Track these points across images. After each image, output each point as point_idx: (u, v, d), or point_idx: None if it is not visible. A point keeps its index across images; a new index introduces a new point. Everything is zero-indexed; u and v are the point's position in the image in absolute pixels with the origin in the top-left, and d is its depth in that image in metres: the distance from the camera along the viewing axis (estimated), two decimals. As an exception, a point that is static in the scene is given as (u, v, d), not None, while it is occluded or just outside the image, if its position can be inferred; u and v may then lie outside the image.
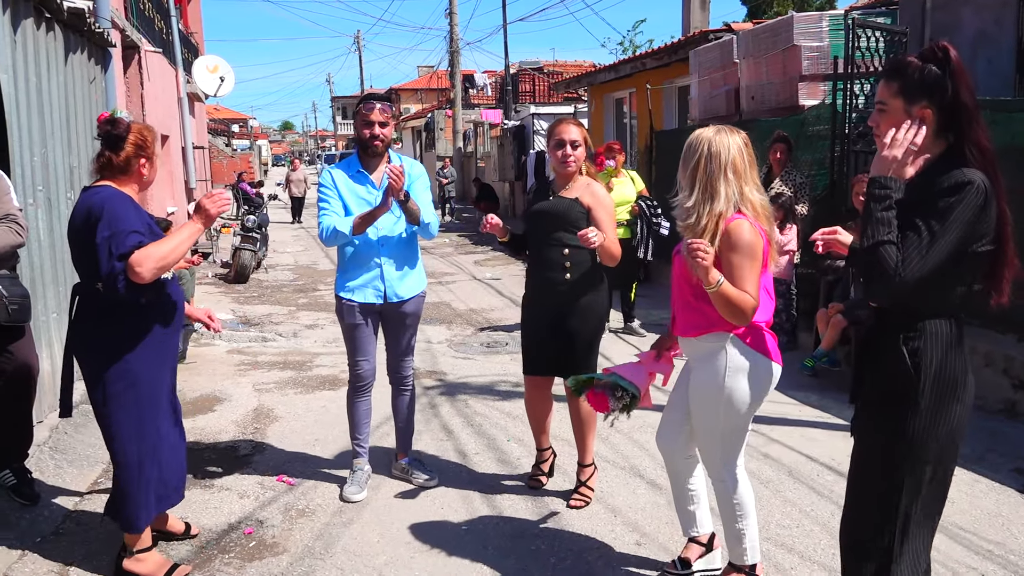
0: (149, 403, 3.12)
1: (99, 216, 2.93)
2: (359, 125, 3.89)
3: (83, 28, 5.71)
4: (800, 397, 5.55)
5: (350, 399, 4.12)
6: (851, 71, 6.65)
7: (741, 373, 2.81)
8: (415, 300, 4.02)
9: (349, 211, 3.85)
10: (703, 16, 13.86)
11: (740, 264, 2.72)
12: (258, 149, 46.21)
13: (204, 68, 14.55)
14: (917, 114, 2.12)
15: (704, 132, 2.85)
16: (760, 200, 2.83)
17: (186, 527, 3.59)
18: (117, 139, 3.10)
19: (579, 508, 3.86)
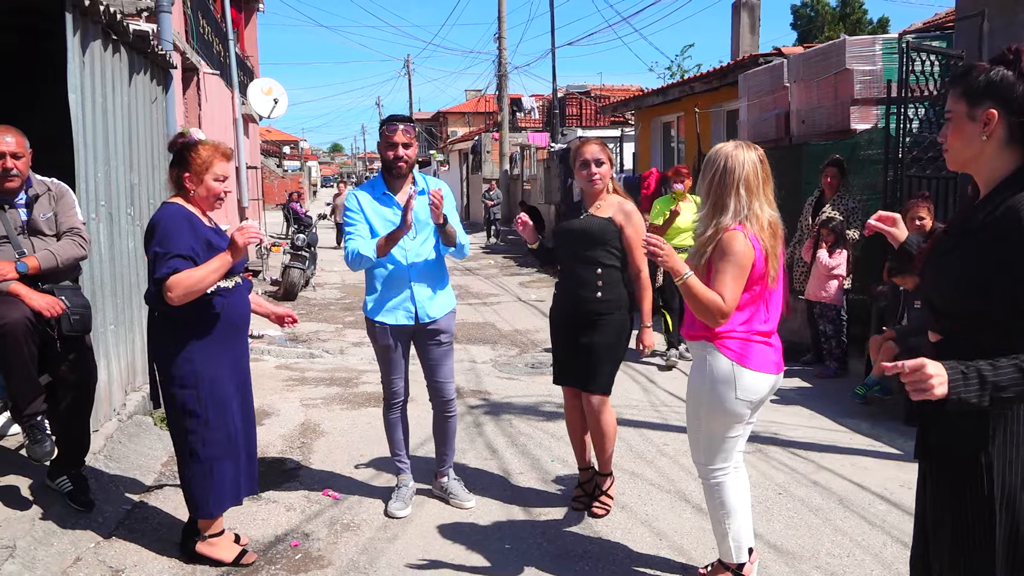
0: (213, 402, 3.30)
1: (152, 232, 3.19)
2: (382, 147, 3.91)
3: (147, 50, 5.90)
4: (851, 424, 5.43)
5: (387, 416, 4.16)
6: (905, 95, 6.56)
7: (721, 382, 2.91)
8: (446, 318, 4.04)
9: (376, 233, 3.86)
10: (752, 40, 13.82)
11: (723, 269, 2.83)
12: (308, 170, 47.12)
13: (259, 90, 14.90)
14: (981, 117, 1.95)
15: (723, 147, 2.95)
16: (769, 216, 2.92)
17: (235, 538, 3.64)
18: (173, 153, 3.32)
19: (601, 516, 3.95)
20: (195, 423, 3.29)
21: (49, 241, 3.73)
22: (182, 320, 3.23)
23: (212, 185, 3.30)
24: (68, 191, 3.90)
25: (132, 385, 5.45)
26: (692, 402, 3.09)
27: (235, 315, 3.39)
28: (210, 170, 3.28)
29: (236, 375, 3.44)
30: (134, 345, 5.51)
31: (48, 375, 3.73)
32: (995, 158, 1.98)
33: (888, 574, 3.38)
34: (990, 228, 1.91)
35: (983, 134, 1.96)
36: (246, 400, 3.52)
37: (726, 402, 2.92)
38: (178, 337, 3.25)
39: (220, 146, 3.37)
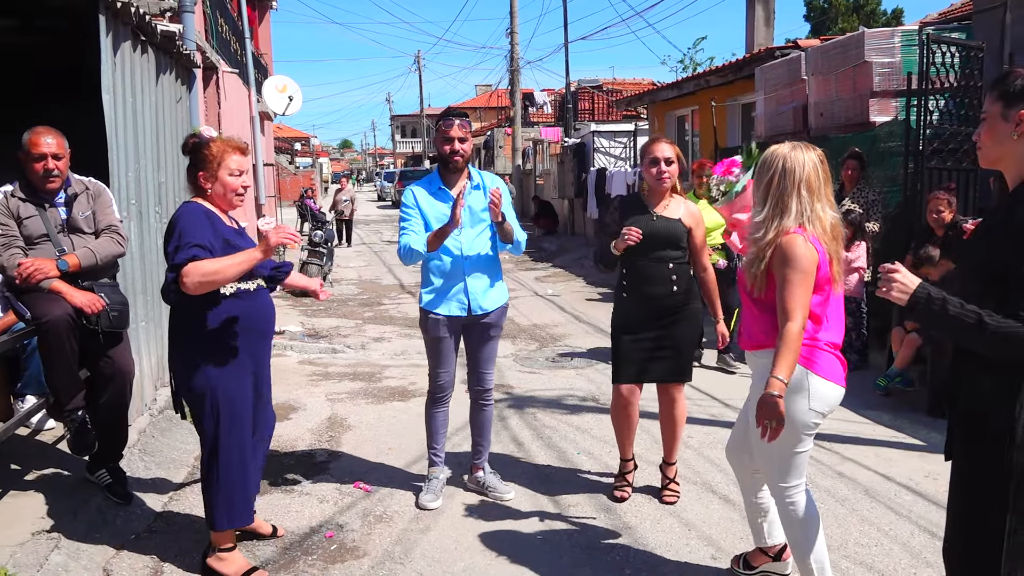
0: (227, 412, 3.18)
1: (172, 229, 3.12)
2: (439, 141, 3.97)
3: (172, 50, 5.98)
4: (873, 416, 5.46)
5: (429, 409, 4.20)
6: (925, 87, 6.57)
7: (793, 392, 2.73)
8: (497, 312, 4.10)
9: (430, 227, 3.93)
10: (767, 33, 13.78)
11: (790, 279, 2.70)
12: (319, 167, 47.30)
13: (273, 88, 14.96)
14: (1015, 118, 2.09)
15: (780, 148, 2.86)
16: (831, 218, 2.82)
17: (273, 529, 3.71)
18: (187, 154, 3.29)
19: (673, 503, 4.06)
20: (207, 435, 3.21)
21: (88, 239, 3.81)
22: (199, 325, 3.13)
23: (227, 180, 3.22)
24: (105, 190, 3.98)
25: (162, 380, 5.54)
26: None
27: (257, 320, 3.28)
28: (223, 165, 3.21)
29: (256, 386, 3.34)
30: (163, 341, 5.54)
31: (87, 370, 3.82)
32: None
33: (917, 563, 3.42)
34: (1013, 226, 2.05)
35: (1015, 133, 2.11)
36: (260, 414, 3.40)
37: (798, 413, 2.76)
38: (194, 344, 3.16)
39: (232, 140, 3.33)
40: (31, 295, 3.56)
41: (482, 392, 4.21)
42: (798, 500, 2.90)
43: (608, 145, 18.16)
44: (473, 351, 4.15)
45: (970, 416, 2.19)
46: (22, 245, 3.70)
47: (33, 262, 3.55)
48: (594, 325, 9.02)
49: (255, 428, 3.37)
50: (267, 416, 3.49)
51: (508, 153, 26.57)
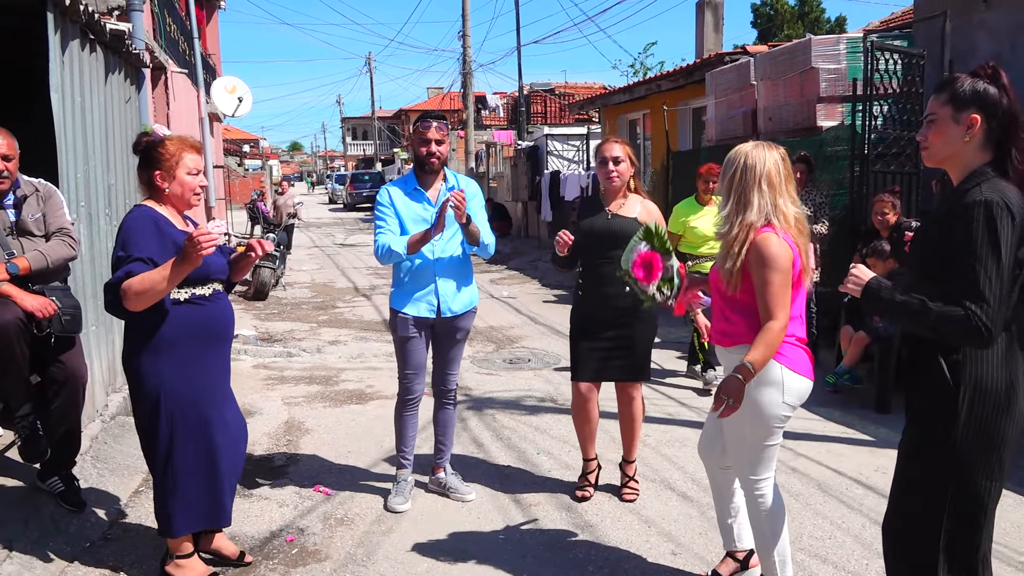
0: (181, 417, 3.09)
1: (119, 236, 3.05)
2: (416, 143, 4.00)
3: (122, 49, 5.86)
4: (824, 413, 5.61)
5: (398, 411, 4.19)
6: (869, 92, 6.77)
7: (768, 386, 2.81)
8: (467, 315, 4.12)
9: (405, 228, 3.94)
10: (716, 39, 14.04)
11: (770, 280, 2.74)
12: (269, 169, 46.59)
13: (223, 89, 14.71)
14: (965, 120, 2.21)
15: (743, 146, 2.93)
16: (795, 212, 2.87)
17: (240, 554, 3.52)
18: (139, 154, 3.18)
19: (632, 501, 4.10)
20: (160, 441, 3.10)
21: (38, 242, 3.72)
22: (153, 331, 3.03)
23: (186, 180, 3.14)
24: (56, 192, 3.89)
25: (113, 386, 5.42)
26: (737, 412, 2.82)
27: (214, 325, 3.18)
28: (181, 164, 3.12)
29: (216, 390, 3.23)
30: (114, 346, 5.47)
31: (37, 375, 3.73)
32: (972, 156, 2.25)
33: (869, 554, 3.53)
34: (953, 213, 2.19)
35: (966, 135, 2.23)
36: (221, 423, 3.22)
37: (773, 407, 2.83)
38: (148, 349, 3.05)
39: (187, 139, 3.25)
40: (-21, 299, 3.46)
41: (445, 392, 4.23)
42: (767, 492, 2.96)
43: (561, 148, 18.29)
44: (439, 352, 4.17)
45: (917, 399, 2.32)
46: (-31, 248, 3.60)
47: (-19, 265, 3.46)
48: (550, 326, 9.08)
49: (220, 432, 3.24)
50: (236, 419, 3.36)
51: (461, 156, 26.55)
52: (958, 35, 7.31)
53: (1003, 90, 2.19)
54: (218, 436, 3.18)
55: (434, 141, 3.93)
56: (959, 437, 2.19)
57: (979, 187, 2.15)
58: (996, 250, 2.08)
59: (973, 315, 2.07)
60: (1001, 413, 2.18)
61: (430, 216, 3.92)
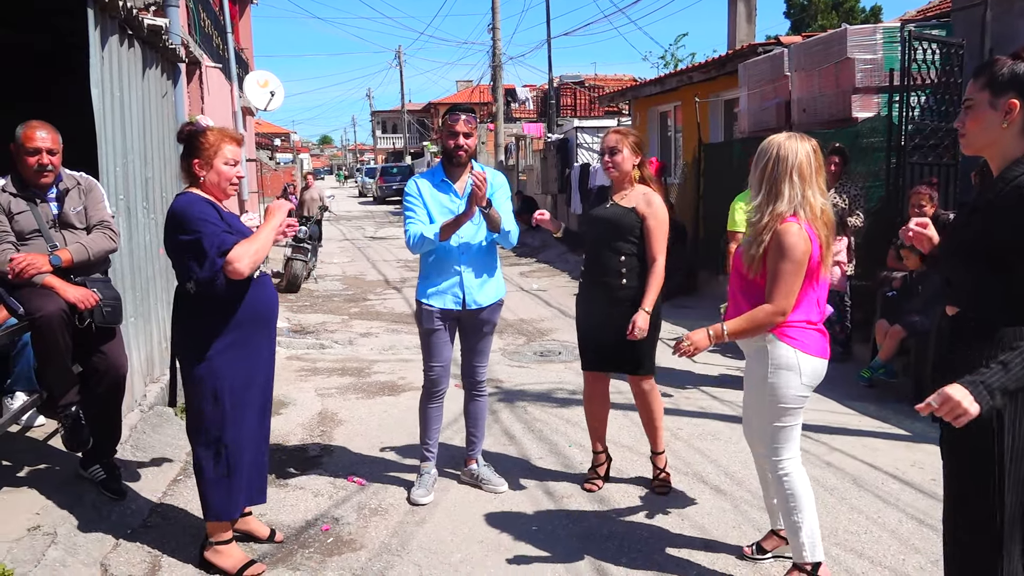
0: (232, 399, 3.19)
1: (178, 221, 3.11)
2: (444, 136, 4.05)
3: (159, 44, 5.94)
4: (859, 407, 5.55)
5: (423, 404, 4.22)
6: (907, 83, 6.66)
7: (784, 369, 2.95)
8: (492, 307, 4.12)
9: (433, 219, 3.97)
10: (749, 29, 13.87)
11: (779, 270, 2.87)
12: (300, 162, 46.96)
13: (255, 83, 14.87)
14: (1003, 106, 2.14)
15: (776, 137, 2.99)
16: (822, 204, 2.94)
17: (271, 532, 3.64)
18: (182, 143, 3.26)
19: (665, 494, 4.08)
20: (217, 423, 3.19)
21: (80, 234, 3.80)
22: (210, 314, 3.15)
23: (223, 169, 3.22)
24: (97, 185, 3.97)
25: (151, 376, 5.52)
26: (755, 394, 3.08)
27: (263, 308, 3.29)
28: (219, 154, 3.20)
29: (262, 374, 3.34)
30: (152, 337, 5.57)
31: (79, 365, 3.81)
32: (1011, 144, 2.17)
33: (905, 549, 3.49)
34: (998, 205, 2.12)
35: (1004, 121, 2.16)
36: (265, 404, 3.41)
37: (791, 389, 2.95)
38: (204, 333, 3.16)
39: (228, 130, 3.34)
40: (23, 291, 3.54)
41: (475, 384, 4.25)
42: (792, 472, 3.05)
43: (591, 141, 18.20)
44: (467, 345, 4.18)
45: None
46: (13, 240, 3.68)
47: (25, 257, 3.53)
48: (580, 320, 9.07)
49: (267, 413, 3.42)
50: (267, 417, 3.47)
51: (491, 149, 26.58)
52: (998, 23, 7.16)
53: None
54: (267, 417, 3.34)
55: (462, 134, 3.96)
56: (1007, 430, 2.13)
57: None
58: None
59: None
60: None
61: (457, 207, 3.94)
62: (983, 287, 2.17)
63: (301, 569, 3.43)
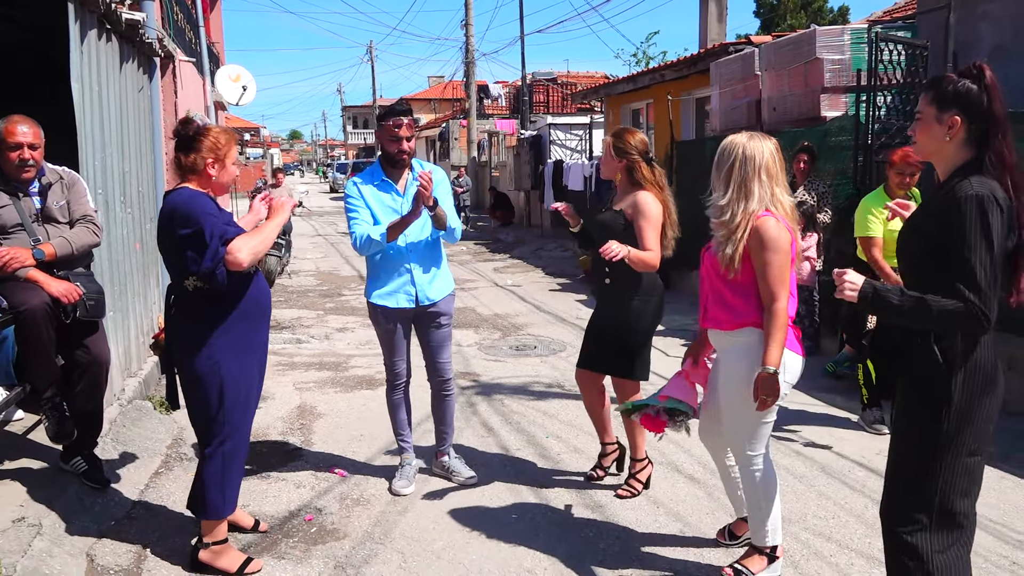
0: (234, 395, 3.21)
1: (184, 215, 3.08)
2: (386, 139, 4.01)
3: (135, 38, 5.93)
4: (827, 399, 5.71)
5: (389, 397, 4.29)
6: (874, 83, 6.83)
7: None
8: (445, 301, 4.17)
9: (377, 220, 3.99)
10: (720, 29, 14.06)
11: (772, 261, 2.94)
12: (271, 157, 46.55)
13: (227, 77, 14.79)
14: (947, 121, 2.30)
15: (737, 137, 3.08)
16: (789, 202, 3.07)
17: (255, 522, 3.68)
18: (187, 140, 3.23)
19: (624, 499, 4.04)
20: (219, 423, 3.21)
21: (63, 228, 3.81)
22: (211, 311, 3.17)
23: (232, 170, 3.29)
24: (79, 179, 3.98)
25: (129, 371, 5.52)
26: (735, 389, 3.08)
27: (260, 303, 3.31)
28: (230, 155, 3.27)
29: (260, 369, 3.38)
30: (129, 331, 5.57)
31: (62, 359, 3.82)
32: (954, 154, 2.36)
33: (871, 532, 3.63)
34: (939, 212, 2.30)
35: (947, 135, 2.34)
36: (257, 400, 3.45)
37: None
38: (206, 330, 3.16)
39: (229, 130, 3.38)
40: (7, 284, 3.55)
41: (442, 383, 4.27)
42: (764, 466, 3.16)
43: (564, 137, 18.34)
44: (426, 341, 4.21)
45: (909, 384, 2.40)
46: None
47: (9, 250, 3.54)
48: (555, 314, 9.17)
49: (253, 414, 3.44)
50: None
51: (463, 145, 26.58)
52: (961, 26, 7.36)
53: (986, 91, 2.26)
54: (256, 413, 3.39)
55: (404, 139, 3.98)
56: (952, 417, 2.28)
57: (968, 181, 2.24)
58: (989, 242, 2.18)
59: (973, 305, 2.17)
60: (989, 392, 2.30)
61: (400, 206, 3.98)
62: (927, 280, 2.31)
63: (286, 558, 3.49)
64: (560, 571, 3.36)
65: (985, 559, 3.39)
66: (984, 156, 2.28)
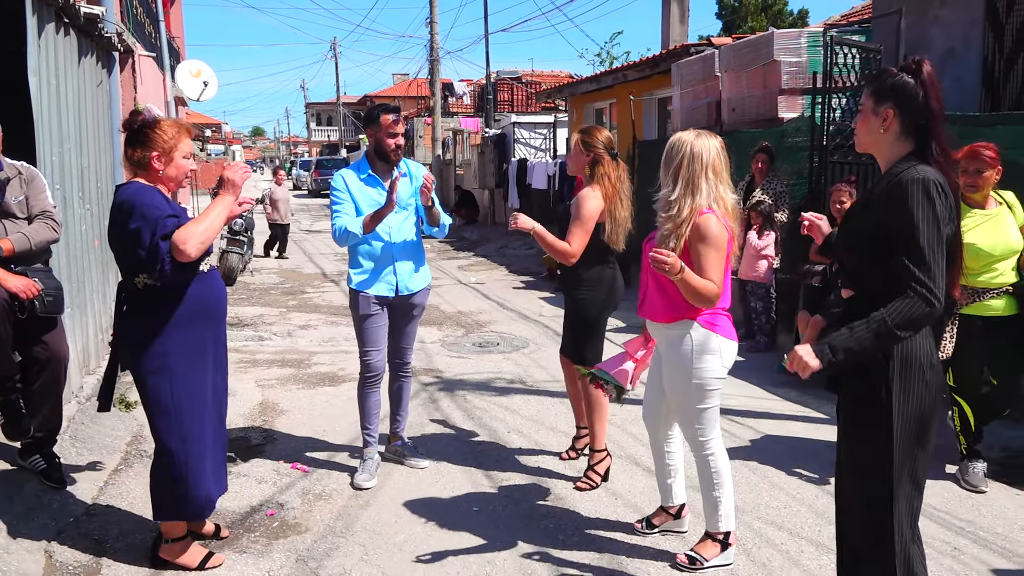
0: (187, 395, 3.17)
1: (129, 210, 3.03)
2: (384, 136, 4.15)
3: (94, 33, 5.87)
4: (782, 393, 5.85)
5: (361, 390, 4.35)
6: (829, 86, 6.99)
7: (706, 353, 3.17)
8: (422, 293, 4.36)
9: (360, 212, 4.14)
10: (682, 30, 14.23)
11: (707, 254, 3.08)
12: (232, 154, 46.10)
13: (188, 73, 14.60)
14: (882, 113, 2.38)
15: (685, 135, 3.21)
16: (732, 200, 3.20)
17: (216, 528, 3.63)
18: (135, 134, 3.19)
19: (583, 491, 4.12)
20: (168, 419, 3.15)
21: (21, 224, 3.77)
22: (157, 310, 3.12)
23: (181, 163, 3.22)
24: (38, 175, 3.95)
25: (88, 368, 5.47)
26: (680, 380, 3.21)
27: (212, 302, 3.28)
28: (178, 148, 3.21)
29: (214, 369, 3.33)
30: (88, 329, 5.52)
31: (19, 355, 3.79)
32: (891, 146, 2.43)
33: (821, 520, 3.75)
34: (883, 197, 2.36)
35: (881, 127, 2.42)
36: (222, 405, 3.43)
37: (714, 372, 3.18)
38: (153, 327, 3.11)
39: (183, 122, 3.32)
40: (-38, 280, 3.52)
41: (401, 365, 4.45)
42: (716, 451, 3.28)
43: (528, 136, 18.43)
44: (396, 329, 4.37)
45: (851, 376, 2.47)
46: (-49, 230, 3.65)
47: (-35, 246, 3.51)
48: (518, 311, 9.24)
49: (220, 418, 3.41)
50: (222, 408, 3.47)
51: (428, 143, 26.57)
52: (914, 30, 7.57)
53: (922, 86, 2.33)
54: (223, 409, 3.39)
55: (400, 135, 4.18)
56: (892, 407, 2.35)
57: (913, 167, 2.31)
58: (937, 225, 2.24)
59: (926, 290, 2.21)
60: (925, 381, 2.36)
61: (384, 200, 4.08)
62: (870, 271, 2.39)
63: (248, 552, 3.50)
64: (519, 562, 3.43)
65: (928, 545, 3.51)
66: (929, 148, 2.34)
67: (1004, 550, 3.52)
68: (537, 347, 7.35)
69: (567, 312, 4.26)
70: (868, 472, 2.46)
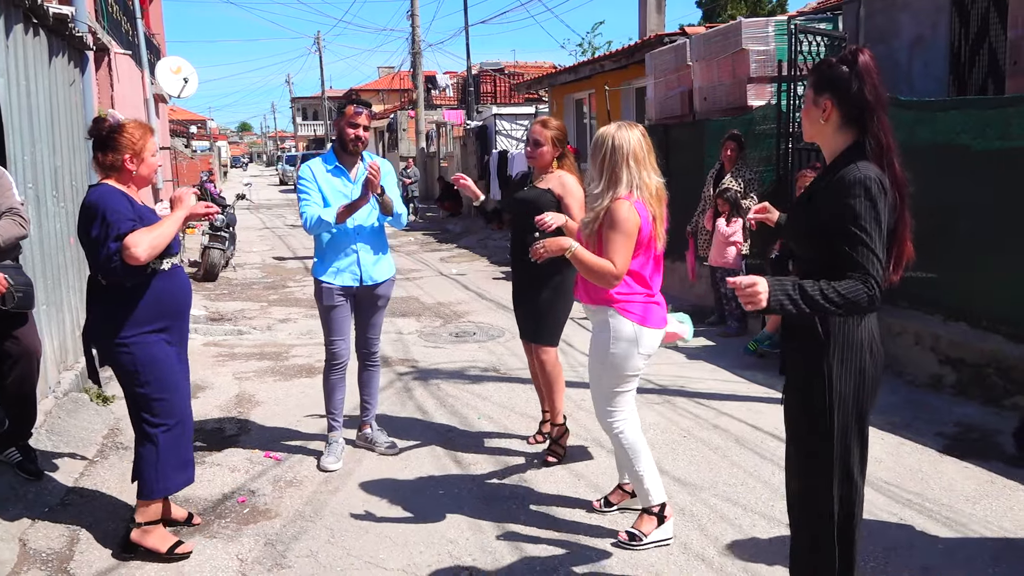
0: (157, 381, 3.30)
1: (93, 212, 3.20)
2: (345, 125, 4.27)
3: (65, 32, 5.93)
4: (748, 376, 5.99)
5: (326, 377, 4.49)
6: (794, 74, 7.12)
7: (624, 341, 3.29)
8: (387, 283, 4.46)
9: (328, 202, 4.25)
10: (659, 19, 14.31)
11: (611, 237, 3.21)
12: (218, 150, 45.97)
13: (168, 69, 14.60)
14: (821, 104, 2.44)
15: (607, 129, 3.37)
16: (657, 183, 3.33)
17: (188, 516, 3.74)
18: (103, 140, 3.33)
19: (553, 464, 4.33)
20: (142, 406, 3.31)
21: (-12, 222, 3.85)
22: (118, 305, 3.26)
23: (151, 162, 3.40)
24: (4, 173, 4.02)
25: (64, 364, 5.55)
26: (596, 362, 3.39)
27: (176, 299, 3.41)
28: (147, 147, 3.36)
29: (178, 359, 3.45)
30: (64, 325, 5.60)
31: (-9, 350, 3.88)
32: (833, 137, 2.48)
33: (775, 496, 3.88)
34: (828, 191, 2.42)
35: (821, 118, 2.47)
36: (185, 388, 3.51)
37: (630, 359, 3.30)
38: (116, 323, 3.25)
39: (145, 123, 3.48)
40: (-67, 277, 3.60)
41: (369, 355, 4.57)
42: (626, 429, 3.42)
43: (510, 128, 18.51)
44: (362, 319, 4.49)
45: (794, 358, 2.57)
46: (-80, 229, 3.72)
47: (-66, 244, 3.59)
48: (497, 302, 9.35)
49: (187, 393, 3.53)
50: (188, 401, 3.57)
51: (412, 136, 26.62)
52: (883, 16, 7.69)
53: (857, 76, 2.37)
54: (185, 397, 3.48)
55: (362, 127, 4.29)
56: (833, 387, 2.42)
57: (854, 166, 2.37)
58: (878, 222, 2.32)
59: (870, 283, 2.29)
60: (865, 363, 2.44)
61: (350, 192, 4.25)
62: (816, 258, 2.49)
63: (218, 537, 3.61)
64: (481, 540, 3.55)
65: (875, 516, 3.66)
66: (865, 140, 2.40)
67: (948, 520, 3.66)
68: (512, 336, 7.44)
69: (530, 300, 4.33)
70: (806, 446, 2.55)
